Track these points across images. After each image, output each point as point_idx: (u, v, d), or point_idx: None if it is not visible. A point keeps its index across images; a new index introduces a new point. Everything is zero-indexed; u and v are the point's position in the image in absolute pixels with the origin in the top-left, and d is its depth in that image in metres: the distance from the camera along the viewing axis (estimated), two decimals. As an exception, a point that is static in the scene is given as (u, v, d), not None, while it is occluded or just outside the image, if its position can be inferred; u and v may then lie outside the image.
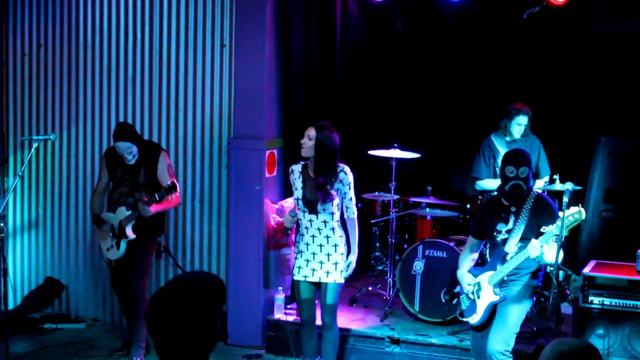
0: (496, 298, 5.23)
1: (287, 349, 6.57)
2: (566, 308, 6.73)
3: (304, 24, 7.20)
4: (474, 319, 5.35)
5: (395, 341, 6.45)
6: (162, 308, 2.64)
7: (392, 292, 7.12)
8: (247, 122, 6.90)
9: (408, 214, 7.62)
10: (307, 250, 5.71)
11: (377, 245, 8.27)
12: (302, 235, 5.76)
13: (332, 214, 5.65)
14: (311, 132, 5.64)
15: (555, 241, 4.95)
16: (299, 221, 5.80)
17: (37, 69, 7.66)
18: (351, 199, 5.72)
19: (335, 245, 5.67)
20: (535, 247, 5.00)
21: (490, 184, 6.88)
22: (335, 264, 5.66)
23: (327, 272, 5.65)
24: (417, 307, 6.79)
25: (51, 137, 6.36)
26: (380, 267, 8.12)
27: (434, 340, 6.37)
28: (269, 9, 6.81)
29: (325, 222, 5.66)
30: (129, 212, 6.16)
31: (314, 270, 5.68)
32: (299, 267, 5.74)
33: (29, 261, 7.81)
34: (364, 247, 8.22)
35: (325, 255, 5.66)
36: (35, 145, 6.15)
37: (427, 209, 7.38)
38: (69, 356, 6.70)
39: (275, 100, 7.02)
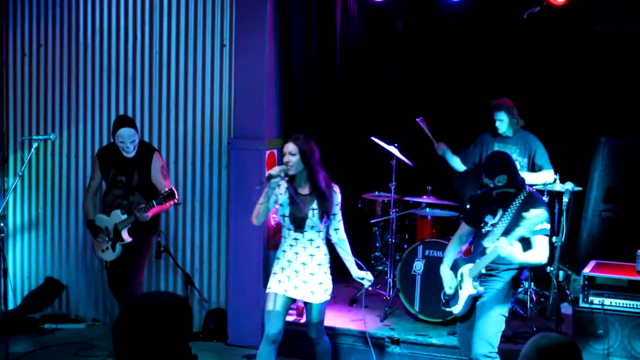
0: (474, 292, 5.23)
1: (287, 349, 6.56)
2: (566, 308, 6.72)
3: (304, 24, 7.20)
4: (456, 310, 5.39)
5: (395, 341, 6.44)
6: (126, 339, 2.54)
7: (392, 292, 7.13)
8: (247, 122, 6.90)
9: (408, 214, 7.62)
10: (289, 267, 5.44)
11: (377, 245, 8.27)
12: (284, 251, 5.46)
13: (319, 231, 5.41)
14: (290, 146, 5.32)
15: (543, 233, 5.00)
16: (283, 238, 5.53)
17: (37, 69, 7.65)
18: (340, 220, 5.47)
19: (319, 265, 5.43)
20: (503, 245, 4.97)
21: (456, 162, 7.07)
22: (320, 283, 5.42)
23: (312, 292, 5.41)
24: (417, 307, 6.79)
25: (51, 137, 6.34)
26: (380, 267, 8.11)
27: (434, 341, 6.37)
28: (269, 9, 6.80)
29: (311, 239, 5.41)
30: (125, 216, 6.14)
31: (296, 287, 5.41)
32: (279, 281, 5.42)
33: (29, 261, 7.81)
34: (364, 247, 8.23)
35: (309, 275, 5.40)
36: (35, 145, 6.15)
37: (427, 209, 7.38)
38: (69, 356, 6.69)
39: (275, 100, 7.02)
